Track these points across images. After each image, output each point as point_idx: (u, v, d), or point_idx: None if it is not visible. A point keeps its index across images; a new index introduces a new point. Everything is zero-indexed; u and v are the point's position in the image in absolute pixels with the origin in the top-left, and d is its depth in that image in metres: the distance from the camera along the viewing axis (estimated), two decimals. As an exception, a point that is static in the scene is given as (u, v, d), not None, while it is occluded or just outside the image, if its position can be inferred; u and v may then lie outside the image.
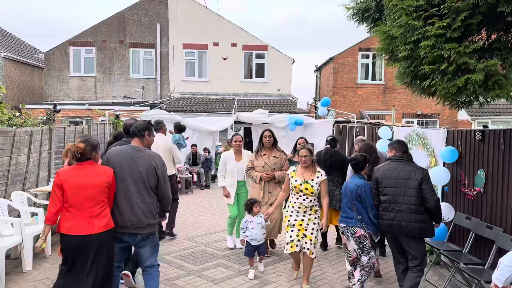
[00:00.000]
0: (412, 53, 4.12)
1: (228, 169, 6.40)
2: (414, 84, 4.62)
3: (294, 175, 5.04)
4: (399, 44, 4.18)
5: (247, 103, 17.79)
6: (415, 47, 4.04)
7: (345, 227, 4.57)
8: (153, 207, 4.03)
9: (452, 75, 3.91)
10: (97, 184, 3.74)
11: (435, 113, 19.43)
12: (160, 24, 18.97)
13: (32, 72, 20.81)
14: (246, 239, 5.40)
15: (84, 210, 3.68)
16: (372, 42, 19.58)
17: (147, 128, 4.20)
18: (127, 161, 3.97)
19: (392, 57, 4.65)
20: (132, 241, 4.01)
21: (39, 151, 7.29)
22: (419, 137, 6.95)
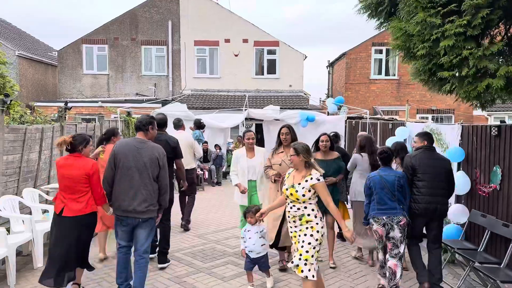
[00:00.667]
0: (430, 51, 3.99)
1: (240, 168, 5.79)
2: (431, 81, 4.49)
3: (286, 178, 4.21)
4: (417, 42, 4.06)
5: (259, 100, 17.72)
6: (434, 45, 3.92)
7: (388, 218, 4.58)
8: (154, 195, 4.35)
9: (473, 78, 3.78)
10: (74, 175, 4.23)
11: (450, 109, 19.11)
12: (171, 21, 18.98)
13: (46, 70, 21.03)
14: (245, 250, 4.75)
15: (64, 196, 4.27)
16: (385, 37, 19.31)
17: (151, 122, 4.56)
18: (133, 152, 4.31)
19: (408, 54, 4.51)
20: (134, 222, 4.32)
21: (50, 148, 7.33)
22: (433, 133, 6.79)
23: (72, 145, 4.29)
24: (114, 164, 4.31)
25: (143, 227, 4.33)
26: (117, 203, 4.29)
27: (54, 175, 7.44)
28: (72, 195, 4.25)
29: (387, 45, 19.44)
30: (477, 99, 3.93)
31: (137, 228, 4.33)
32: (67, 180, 4.24)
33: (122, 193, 4.26)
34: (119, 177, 4.29)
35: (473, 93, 3.75)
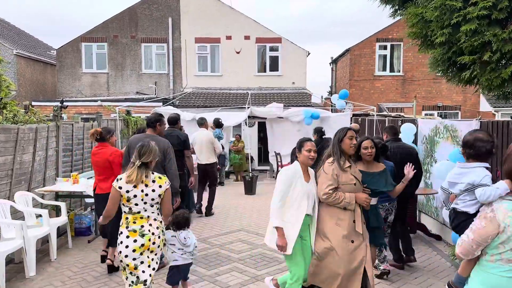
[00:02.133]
0: (450, 38, 3.63)
1: (296, 195, 3.80)
2: (451, 72, 4.14)
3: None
4: (435, 28, 3.70)
5: (261, 97, 17.37)
6: (454, 31, 3.57)
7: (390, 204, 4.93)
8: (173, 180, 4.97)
9: (496, 64, 3.43)
10: (100, 160, 5.31)
11: (456, 105, 18.74)
12: (172, 18, 18.64)
13: (45, 69, 20.72)
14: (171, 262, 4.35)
15: (96, 177, 5.41)
16: (390, 33, 18.97)
17: (158, 120, 5.44)
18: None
19: (426, 43, 4.16)
20: None
21: (45, 149, 6.99)
22: (447, 130, 6.45)
23: (101, 135, 5.36)
24: (129, 155, 5.01)
25: None
26: None
27: (49, 177, 7.12)
28: (101, 176, 5.35)
29: (392, 41, 19.11)
30: (500, 88, 3.58)
31: None
32: (97, 164, 5.35)
33: None
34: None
35: (496, 81, 3.40)
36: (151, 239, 3.51)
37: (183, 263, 4.31)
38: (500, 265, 2.38)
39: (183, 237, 4.27)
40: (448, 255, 5.79)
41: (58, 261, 5.58)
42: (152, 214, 3.59)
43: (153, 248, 3.53)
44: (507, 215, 2.33)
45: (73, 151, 8.02)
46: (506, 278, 2.37)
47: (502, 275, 2.37)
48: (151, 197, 3.55)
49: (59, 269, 5.31)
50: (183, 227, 4.35)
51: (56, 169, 7.44)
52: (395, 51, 19.09)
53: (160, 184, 3.60)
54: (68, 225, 6.26)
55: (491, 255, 2.42)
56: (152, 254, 3.56)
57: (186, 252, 4.31)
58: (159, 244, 3.58)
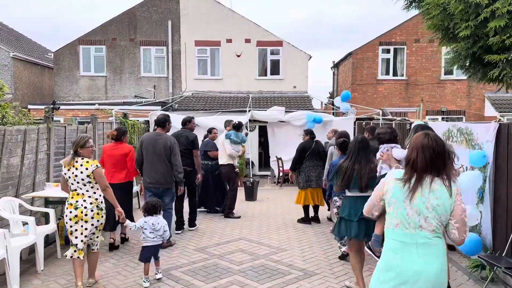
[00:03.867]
0: (476, 31, 3.26)
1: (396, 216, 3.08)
2: (473, 68, 3.76)
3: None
4: (459, 22, 3.34)
5: (262, 101, 16.99)
6: (480, 24, 3.20)
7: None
8: (169, 172, 6.24)
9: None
10: (117, 155, 6.32)
11: (460, 109, 18.38)
12: (171, 21, 18.33)
13: (42, 72, 20.38)
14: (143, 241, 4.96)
15: (110, 169, 6.27)
16: (392, 36, 18.65)
17: (166, 120, 6.50)
18: (152, 141, 6.28)
19: (448, 35, 3.78)
20: (156, 191, 6.19)
21: (35, 152, 6.61)
22: (462, 133, 6.07)
23: (116, 135, 6.42)
24: (141, 150, 6.31)
25: (165, 194, 6.26)
26: (144, 177, 6.29)
27: (40, 182, 6.73)
28: (115, 168, 6.28)
29: (395, 44, 18.78)
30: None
31: (161, 195, 6.14)
32: (113, 158, 6.29)
33: (147, 170, 6.24)
34: (145, 160, 6.26)
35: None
36: (83, 211, 4.46)
37: (153, 244, 4.91)
38: (393, 230, 2.61)
39: (151, 223, 4.90)
40: (465, 267, 5.39)
41: (44, 273, 5.18)
42: (86, 192, 4.53)
43: (86, 218, 4.47)
44: (391, 180, 2.65)
45: (65, 154, 7.63)
46: (398, 242, 2.58)
47: (395, 239, 2.60)
48: (81, 177, 4.49)
49: (45, 281, 4.91)
50: (152, 214, 4.97)
51: (47, 173, 7.05)
52: (398, 55, 18.76)
53: (87, 167, 4.50)
54: (57, 233, 5.86)
55: (385, 220, 2.71)
56: (86, 224, 4.49)
57: (157, 236, 4.92)
58: (92, 216, 4.49)
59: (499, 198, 5.21)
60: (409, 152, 2.66)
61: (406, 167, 2.64)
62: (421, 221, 2.53)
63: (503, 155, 5.07)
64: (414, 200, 2.54)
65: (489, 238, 5.34)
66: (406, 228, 2.56)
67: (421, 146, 2.59)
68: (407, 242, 2.55)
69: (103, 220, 4.65)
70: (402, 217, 2.57)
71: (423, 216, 2.53)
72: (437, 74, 18.55)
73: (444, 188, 2.54)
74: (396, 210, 2.60)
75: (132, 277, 5.07)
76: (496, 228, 5.23)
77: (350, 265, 4.76)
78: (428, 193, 2.54)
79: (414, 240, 2.54)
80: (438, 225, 2.54)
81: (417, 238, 2.54)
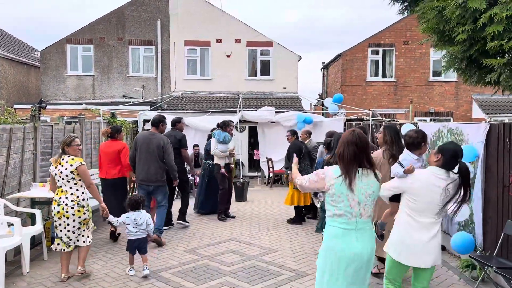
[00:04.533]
0: (472, 35, 3.24)
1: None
2: (469, 71, 3.74)
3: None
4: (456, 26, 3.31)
5: (252, 101, 16.94)
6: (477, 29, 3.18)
7: None
8: (161, 170, 6.51)
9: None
10: (111, 152, 6.55)
11: (449, 111, 18.55)
12: (160, 20, 18.18)
13: (29, 72, 20.07)
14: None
15: (106, 165, 6.58)
16: (382, 38, 18.75)
17: (160, 120, 6.79)
18: (146, 140, 6.53)
19: (443, 38, 3.76)
20: (147, 189, 6.49)
21: (21, 151, 6.47)
22: (452, 133, 6.10)
23: (111, 133, 6.68)
24: (135, 148, 6.56)
25: (157, 191, 6.56)
26: (137, 174, 6.52)
27: (26, 183, 6.59)
28: (110, 164, 6.53)
29: (384, 46, 18.88)
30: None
31: (153, 192, 6.55)
32: (108, 155, 6.54)
33: (139, 168, 6.47)
34: (138, 157, 6.50)
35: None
36: (64, 208, 4.73)
37: (137, 238, 5.08)
38: (336, 219, 3.02)
39: (133, 218, 5.08)
40: (455, 267, 5.40)
41: (30, 275, 5.05)
42: (70, 189, 4.79)
43: (67, 215, 4.74)
44: (332, 178, 3.01)
45: (52, 155, 7.49)
46: (341, 229, 3.01)
47: (338, 226, 3.01)
48: (65, 174, 4.74)
49: (31, 283, 4.79)
50: (134, 209, 5.16)
51: (33, 173, 6.90)
52: (387, 57, 18.87)
53: (71, 164, 4.75)
54: (43, 235, 5.73)
55: (329, 211, 3.08)
56: (68, 220, 4.77)
57: (140, 230, 5.09)
58: (73, 213, 4.74)
59: (489, 199, 5.24)
60: (338, 147, 3.10)
61: (338, 162, 3.06)
62: (361, 209, 2.99)
63: (494, 155, 5.10)
64: (354, 192, 2.96)
65: (479, 238, 5.37)
66: (349, 218, 2.99)
67: (346, 142, 3.04)
68: (349, 229, 3.00)
69: (86, 216, 4.86)
70: (346, 208, 2.98)
71: (363, 205, 2.99)
72: (426, 76, 18.70)
73: (372, 175, 3.04)
74: (340, 203, 2.99)
75: (120, 279, 4.97)
76: (486, 228, 5.26)
77: None
78: (363, 184, 2.99)
79: (354, 226, 3.00)
80: (371, 210, 3.06)
81: (356, 225, 3.00)
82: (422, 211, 3.33)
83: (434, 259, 3.34)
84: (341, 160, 3.02)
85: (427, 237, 3.30)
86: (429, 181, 3.32)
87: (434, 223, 3.34)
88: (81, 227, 4.87)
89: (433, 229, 3.32)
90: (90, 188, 4.87)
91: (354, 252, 2.96)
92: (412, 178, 3.37)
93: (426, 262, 3.33)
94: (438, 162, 3.37)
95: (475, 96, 18.55)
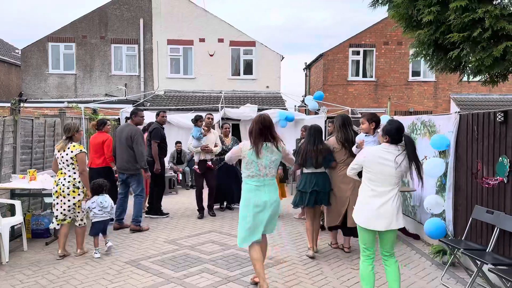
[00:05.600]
0: (438, 17, 3.41)
1: None
2: (437, 57, 3.92)
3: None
4: (422, 8, 3.48)
5: (235, 100, 17.05)
6: (442, 9, 3.35)
7: None
8: (132, 159, 6.85)
9: (487, 43, 3.23)
10: (96, 143, 7.17)
11: (428, 110, 18.94)
12: (143, 19, 18.17)
13: (9, 70, 19.84)
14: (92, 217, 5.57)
15: (92, 155, 7.20)
16: (362, 38, 19.07)
17: (133, 113, 7.22)
18: (120, 131, 7.03)
19: (411, 24, 3.93)
20: (122, 177, 6.99)
21: (0, 144, 6.46)
22: (425, 126, 6.30)
23: (97, 126, 7.34)
24: (115, 139, 7.12)
25: (131, 180, 6.95)
26: (117, 163, 7.07)
27: (5, 176, 6.58)
28: (95, 154, 7.15)
29: (365, 46, 19.21)
30: (490, 69, 3.38)
31: (127, 180, 6.97)
32: (94, 146, 7.15)
33: (117, 157, 7.01)
34: (116, 147, 7.04)
35: (487, 60, 3.21)
36: (61, 188, 5.34)
37: (102, 219, 5.53)
38: (250, 179, 4.23)
39: (99, 201, 5.49)
40: (427, 253, 5.59)
41: (9, 264, 5.07)
42: (68, 172, 5.39)
43: (64, 194, 5.35)
44: (246, 149, 4.21)
45: (33, 148, 7.49)
46: (253, 186, 4.21)
47: (252, 184, 4.22)
48: (66, 159, 5.35)
49: (10, 272, 4.81)
50: (99, 193, 5.56)
51: (13, 167, 6.89)
52: (368, 57, 19.19)
53: (72, 150, 5.35)
54: (23, 226, 5.74)
55: (244, 173, 4.27)
56: (64, 199, 5.37)
57: (105, 212, 5.53)
58: (68, 192, 5.34)
59: (459, 187, 5.44)
60: (250, 126, 4.21)
61: (249, 137, 4.20)
62: (266, 171, 4.19)
63: (463, 145, 5.30)
64: (261, 159, 4.12)
65: (450, 225, 5.57)
66: (258, 177, 4.18)
67: (254, 122, 4.19)
68: (259, 185, 4.19)
69: (80, 197, 5.44)
70: (256, 170, 4.18)
71: (268, 168, 4.19)
72: (405, 76, 19.08)
73: (275, 148, 4.19)
74: (252, 167, 4.18)
75: (100, 268, 5.03)
76: (456, 215, 5.46)
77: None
78: (268, 153, 4.16)
79: (263, 183, 4.20)
80: (274, 171, 4.26)
81: (264, 182, 4.20)
82: (377, 181, 3.79)
83: (387, 224, 3.74)
84: (251, 135, 4.17)
85: (379, 203, 3.74)
86: (378, 155, 3.81)
87: (388, 191, 3.77)
88: (76, 208, 5.43)
89: (385, 196, 3.75)
90: (82, 175, 5.39)
91: (264, 201, 4.18)
92: (365, 153, 3.92)
93: (380, 225, 3.75)
94: (386, 140, 3.86)
95: (453, 96, 19.00)
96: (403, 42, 18.35)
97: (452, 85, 18.93)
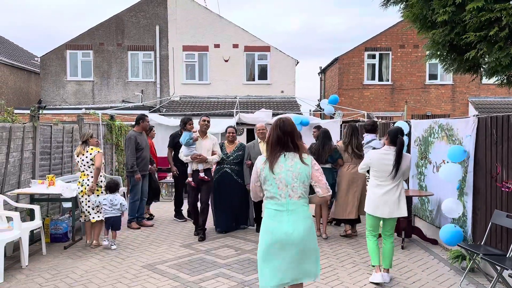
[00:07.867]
0: (453, 17, 3.37)
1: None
2: (451, 58, 3.87)
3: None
4: (436, 7, 3.44)
5: (250, 105, 17.09)
6: (458, 10, 3.31)
7: None
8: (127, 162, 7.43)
9: (504, 42, 3.17)
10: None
11: (445, 114, 18.69)
12: (159, 26, 18.40)
13: (29, 78, 20.27)
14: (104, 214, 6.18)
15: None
16: (378, 42, 18.96)
17: (140, 118, 7.56)
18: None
19: (426, 24, 3.89)
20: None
21: (20, 150, 6.59)
22: (442, 129, 6.21)
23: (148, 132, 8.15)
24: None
25: (129, 181, 7.49)
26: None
27: (25, 181, 6.70)
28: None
29: (380, 50, 19.09)
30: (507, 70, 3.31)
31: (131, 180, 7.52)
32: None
33: None
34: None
35: (505, 60, 3.15)
36: (86, 188, 6.12)
37: (113, 216, 6.08)
38: (269, 201, 3.18)
39: (109, 199, 6.07)
40: (446, 259, 5.50)
41: (29, 268, 5.16)
42: (90, 173, 6.16)
43: (89, 193, 6.12)
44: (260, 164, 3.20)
45: (51, 154, 7.61)
46: (272, 210, 3.15)
47: (271, 208, 3.17)
48: (86, 161, 6.11)
49: (30, 276, 4.89)
50: (113, 191, 6.16)
51: (32, 172, 7.02)
52: (384, 60, 19.06)
53: (91, 153, 6.10)
54: (42, 230, 5.84)
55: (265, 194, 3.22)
56: (89, 198, 6.14)
57: (115, 209, 6.07)
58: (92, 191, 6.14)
59: (478, 190, 5.34)
60: (268, 133, 3.33)
61: (266, 147, 3.26)
62: (289, 191, 3.10)
63: (482, 148, 5.21)
64: (279, 174, 3.10)
65: (470, 230, 5.47)
66: (278, 199, 3.12)
67: (273, 128, 3.23)
68: (280, 210, 3.11)
69: (102, 195, 6.16)
70: (274, 190, 3.12)
71: (291, 186, 3.10)
72: (422, 79, 18.88)
73: (297, 158, 3.13)
74: (269, 186, 3.14)
75: (117, 271, 5.08)
76: (475, 219, 5.36)
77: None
78: (289, 166, 3.12)
79: (285, 207, 3.11)
80: (303, 191, 3.13)
81: (287, 206, 3.11)
82: (381, 177, 4.75)
83: (389, 212, 4.67)
84: (268, 144, 3.24)
85: (382, 191, 4.70)
86: (380, 157, 4.78)
87: (389, 184, 4.70)
88: (98, 205, 6.15)
89: (386, 187, 4.69)
90: (95, 169, 6.08)
91: (285, 232, 3.05)
92: (370, 156, 4.86)
93: (384, 213, 4.69)
94: (387, 141, 4.79)
95: (471, 99, 18.72)
96: (420, 45, 18.17)
97: (470, 88, 18.66)
